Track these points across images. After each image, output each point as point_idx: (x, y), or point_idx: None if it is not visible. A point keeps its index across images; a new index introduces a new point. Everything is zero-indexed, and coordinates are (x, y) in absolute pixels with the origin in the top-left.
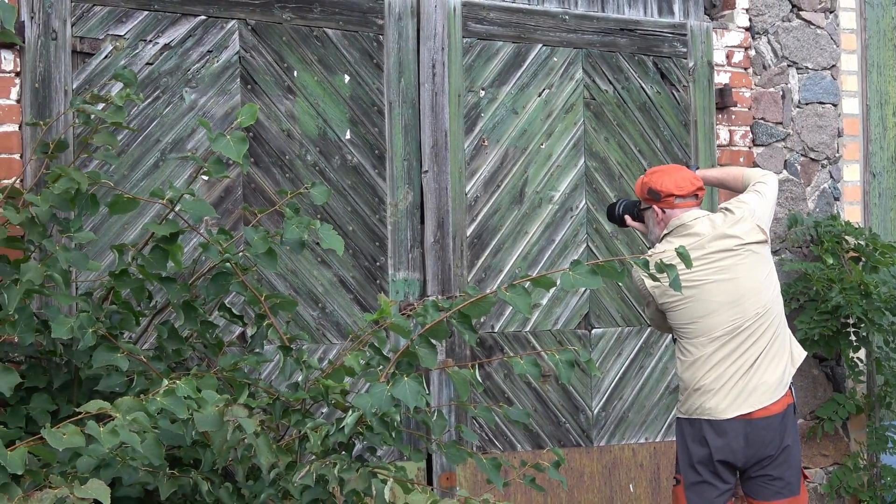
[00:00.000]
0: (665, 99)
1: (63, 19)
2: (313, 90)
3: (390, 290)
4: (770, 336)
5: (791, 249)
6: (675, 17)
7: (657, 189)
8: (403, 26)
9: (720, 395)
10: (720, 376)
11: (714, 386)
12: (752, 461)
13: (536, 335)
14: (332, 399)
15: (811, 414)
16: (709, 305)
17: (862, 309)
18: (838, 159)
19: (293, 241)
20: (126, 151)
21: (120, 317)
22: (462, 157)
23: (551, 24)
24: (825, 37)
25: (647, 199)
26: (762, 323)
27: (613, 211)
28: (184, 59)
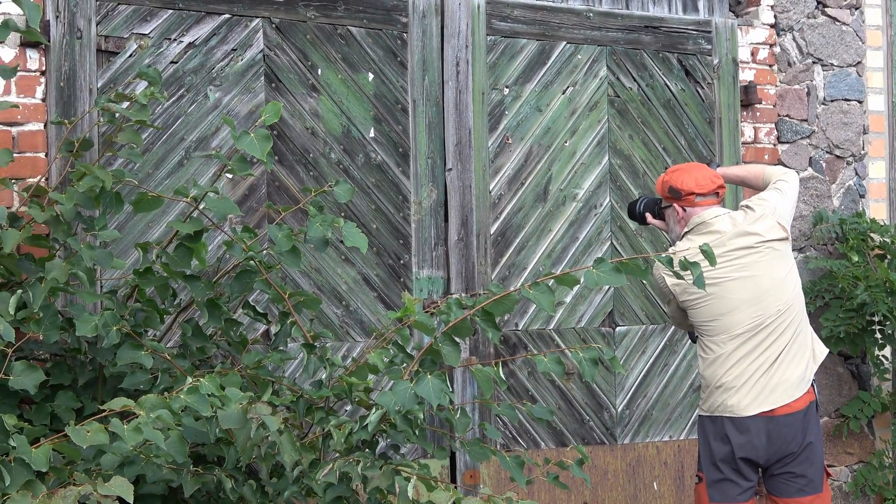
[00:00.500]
0: (689, 96)
1: (88, 18)
2: (337, 88)
3: (414, 287)
4: (792, 333)
5: (816, 247)
6: (700, 14)
7: (678, 187)
8: (427, 24)
9: (742, 393)
10: (742, 373)
11: (736, 383)
12: (775, 458)
13: (560, 333)
14: (355, 397)
15: (836, 412)
16: (730, 303)
17: (888, 306)
18: (864, 156)
19: (317, 240)
20: (150, 150)
21: (144, 315)
22: (486, 155)
23: (575, 21)
24: (851, 33)
25: (667, 197)
26: (784, 320)
27: (634, 208)
28: (208, 57)
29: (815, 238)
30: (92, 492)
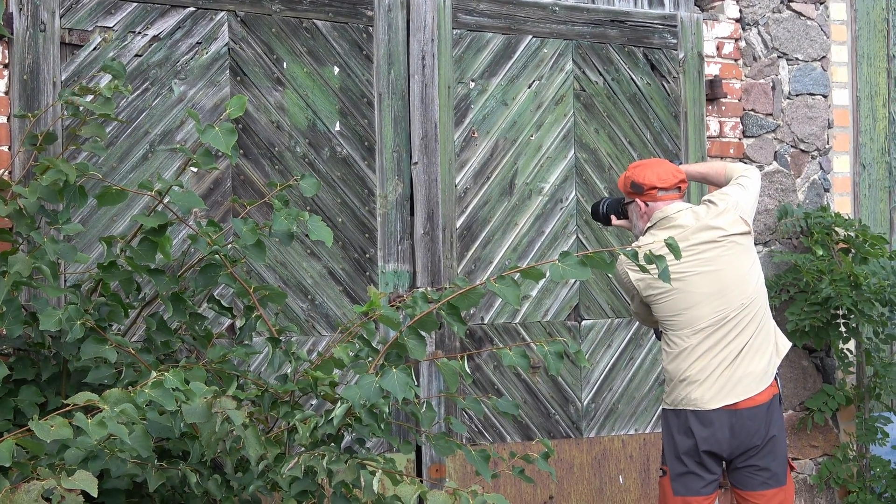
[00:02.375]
0: (655, 90)
1: (52, 11)
2: (303, 82)
3: (380, 281)
4: (755, 327)
5: (781, 241)
6: (666, 8)
7: (639, 182)
8: (393, 18)
9: (705, 386)
10: (705, 367)
11: (699, 377)
12: (738, 452)
13: (526, 326)
14: (320, 391)
15: (801, 405)
16: (693, 297)
17: (852, 300)
18: (828, 150)
19: (282, 233)
20: (115, 143)
21: (108, 309)
22: (452, 149)
23: (541, 15)
24: (815, 28)
25: (629, 192)
26: (747, 314)
27: (598, 209)
28: (173, 50)
29: (780, 232)
30: (55, 486)
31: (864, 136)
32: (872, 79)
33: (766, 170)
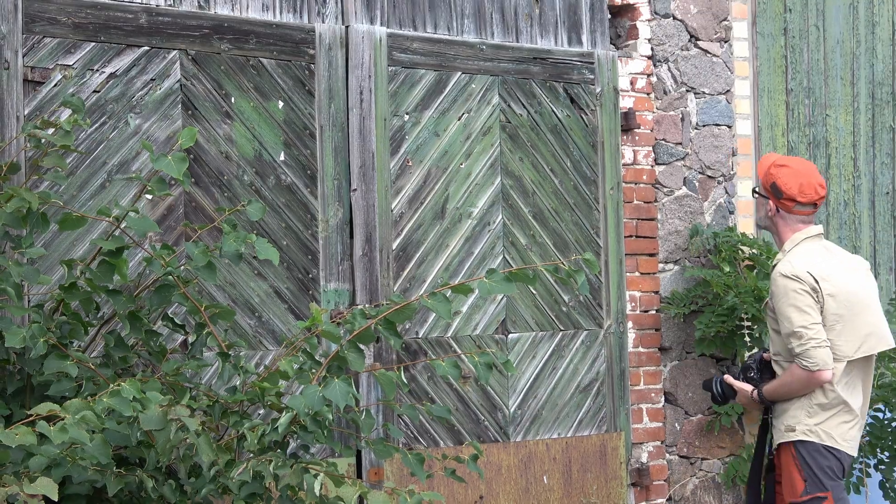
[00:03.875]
0: (575, 122)
1: (15, 50)
2: (250, 115)
3: (322, 300)
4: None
5: (691, 259)
6: (584, 46)
7: (781, 188)
8: (333, 56)
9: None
10: (858, 403)
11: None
12: None
13: (457, 340)
14: (267, 401)
15: (709, 409)
16: (867, 327)
17: (755, 310)
18: (733, 176)
19: (231, 254)
20: (75, 173)
21: (69, 327)
22: (388, 177)
23: (470, 53)
24: (720, 64)
25: (768, 191)
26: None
27: (712, 388)
28: (129, 86)
29: (691, 250)
30: (18, 492)
31: None
32: (772, 111)
33: (675, 194)
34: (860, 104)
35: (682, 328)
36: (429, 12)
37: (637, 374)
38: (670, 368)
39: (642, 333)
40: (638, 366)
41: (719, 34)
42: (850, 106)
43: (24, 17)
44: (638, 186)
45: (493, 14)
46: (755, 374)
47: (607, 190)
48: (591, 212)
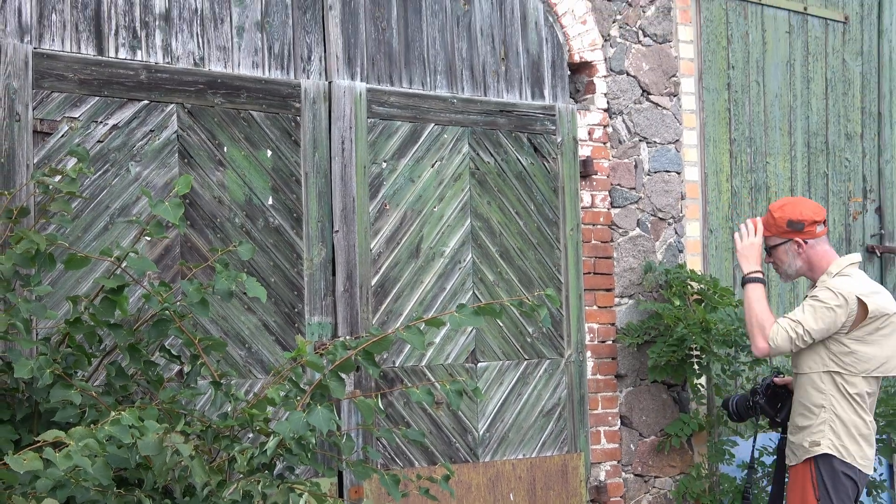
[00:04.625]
0: (538, 169)
1: (26, 104)
2: (241, 163)
3: (307, 332)
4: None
5: (644, 293)
6: (546, 100)
7: (799, 219)
8: (317, 109)
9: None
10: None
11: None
12: None
13: (431, 368)
14: (256, 426)
15: (661, 431)
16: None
17: (703, 341)
18: (682, 218)
19: (223, 291)
20: (79, 216)
21: (74, 358)
22: (367, 219)
23: (442, 106)
24: (670, 116)
25: (786, 232)
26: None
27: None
28: (130, 137)
29: (644, 286)
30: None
31: (711, 206)
32: (717, 158)
33: (630, 234)
34: (797, 152)
35: (636, 357)
36: (405, 69)
37: (595, 399)
38: (626, 394)
39: (600, 362)
40: (596, 392)
41: (669, 89)
42: (788, 154)
43: (35, 73)
44: (595, 227)
45: (464, 71)
46: (761, 399)
47: (567, 231)
48: (552, 251)
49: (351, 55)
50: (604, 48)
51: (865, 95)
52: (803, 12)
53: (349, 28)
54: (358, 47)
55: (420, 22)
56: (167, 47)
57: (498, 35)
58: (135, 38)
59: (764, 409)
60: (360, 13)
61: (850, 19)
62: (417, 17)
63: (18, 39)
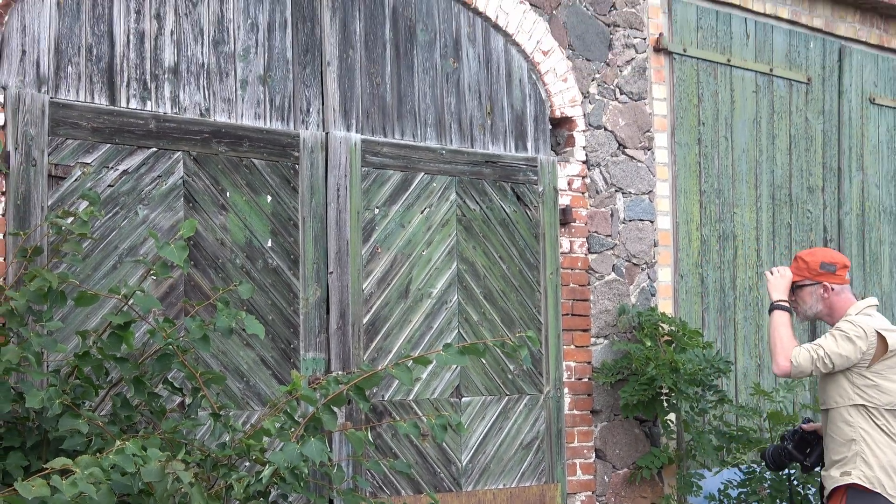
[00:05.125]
0: (520, 216)
1: (41, 150)
2: (242, 208)
3: (301, 367)
4: None
5: (618, 334)
6: (529, 152)
7: (831, 261)
8: (315, 158)
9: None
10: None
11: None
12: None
13: (418, 402)
14: (252, 455)
15: (633, 464)
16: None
17: (672, 381)
18: (654, 264)
19: (223, 328)
20: (90, 256)
21: (82, 389)
22: (360, 262)
23: (431, 157)
24: (644, 169)
25: (819, 274)
26: None
27: (766, 458)
28: (139, 182)
29: (619, 327)
30: None
31: (681, 253)
32: (688, 208)
33: (606, 279)
34: (762, 204)
35: (610, 394)
36: (397, 122)
37: (572, 433)
38: (600, 428)
39: (576, 398)
40: (572, 426)
41: (643, 143)
42: (754, 205)
43: (50, 121)
44: (574, 272)
45: (452, 124)
46: (789, 444)
47: (547, 275)
48: (533, 293)
49: (347, 108)
50: (583, 104)
51: (826, 151)
52: (769, 73)
53: (346, 83)
54: (354, 101)
55: (412, 78)
56: (175, 98)
57: (484, 91)
58: (145, 89)
59: (793, 455)
60: (356, 69)
61: (813, 80)
62: (409, 73)
63: (36, 90)
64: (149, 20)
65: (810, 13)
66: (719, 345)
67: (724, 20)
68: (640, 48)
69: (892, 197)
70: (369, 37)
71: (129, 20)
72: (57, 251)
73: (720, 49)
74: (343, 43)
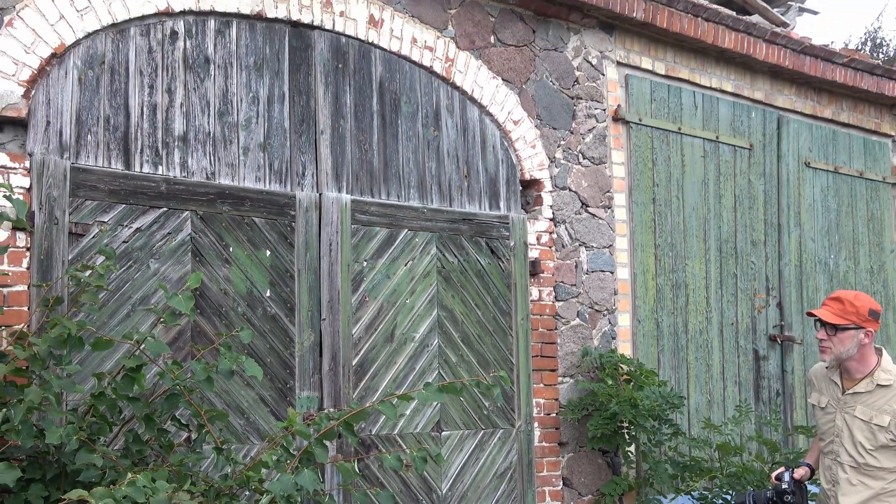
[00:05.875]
0: (494, 268)
1: (63, 210)
2: (244, 261)
3: (297, 405)
4: None
5: (583, 374)
6: (501, 210)
7: (878, 310)
8: (309, 216)
9: None
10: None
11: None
12: None
13: (402, 436)
14: (252, 486)
15: (597, 490)
16: None
17: (632, 415)
18: (615, 310)
19: (225, 371)
20: (105, 305)
21: (97, 426)
22: (350, 309)
23: (414, 215)
24: (605, 225)
25: (866, 320)
26: None
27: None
28: (150, 238)
29: (583, 367)
30: None
31: (639, 300)
32: (645, 261)
33: (571, 324)
34: (711, 256)
35: (576, 427)
36: (383, 184)
37: (541, 463)
38: (567, 459)
39: (545, 431)
40: (542, 457)
41: (604, 202)
42: (703, 258)
43: (71, 184)
44: (542, 317)
45: (433, 186)
46: (791, 497)
47: (519, 320)
48: (506, 337)
49: (339, 171)
50: (550, 168)
51: (767, 209)
52: (715, 140)
53: (337, 149)
54: (344, 165)
55: (397, 145)
56: (184, 164)
57: (462, 156)
58: (157, 155)
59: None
60: (346, 137)
61: (755, 146)
62: (395, 140)
63: (59, 156)
64: (161, 94)
65: (752, 87)
66: (673, 383)
67: (675, 93)
68: (600, 118)
69: (826, 250)
70: (358, 108)
71: (142, 94)
72: (76, 301)
73: (671, 118)
74: (335, 114)
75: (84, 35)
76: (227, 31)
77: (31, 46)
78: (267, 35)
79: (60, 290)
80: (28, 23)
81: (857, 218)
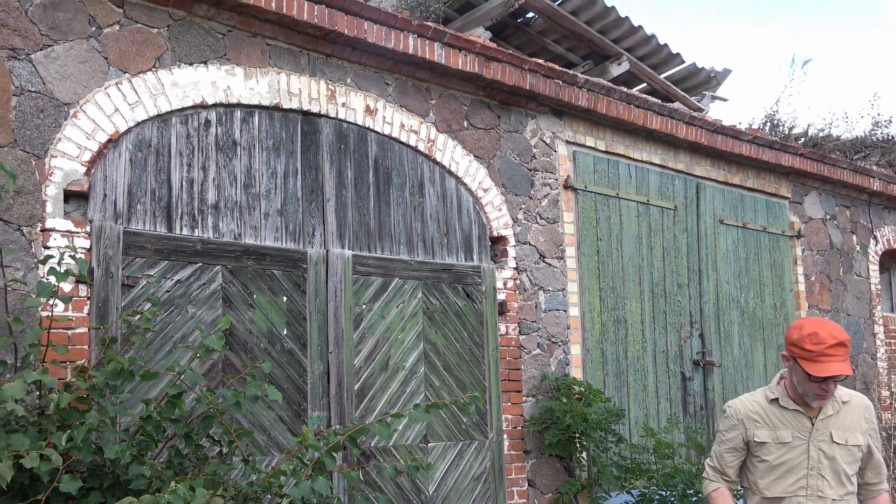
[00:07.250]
0: (469, 308)
1: (117, 265)
2: (265, 306)
3: (309, 423)
4: None
5: (542, 394)
6: (475, 262)
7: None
8: (318, 269)
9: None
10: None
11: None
12: None
13: (396, 448)
14: (273, 490)
15: (556, 490)
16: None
17: (583, 427)
18: (568, 342)
19: (251, 396)
20: (152, 343)
21: (146, 443)
22: (352, 344)
23: (404, 266)
24: (559, 272)
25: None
26: None
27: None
28: (188, 288)
29: (542, 389)
30: None
31: (587, 333)
32: (591, 301)
33: (532, 353)
34: (645, 297)
35: (538, 438)
36: (378, 241)
37: (510, 468)
38: (531, 464)
39: (513, 442)
40: (510, 463)
41: (557, 254)
42: (639, 298)
43: (124, 245)
44: (509, 348)
45: (418, 242)
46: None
47: (490, 351)
48: (480, 365)
49: (342, 232)
50: (513, 227)
51: (689, 258)
52: (647, 203)
53: (340, 214)
54: (347, 226)
55: (389, 210)
56: (216, 227)
57: (442, 218)
58: (194, 220)
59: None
60: (348, 204)
61: (678, 207)
62: (387, 206)
63: (114, 222)
64: (197, 170)
65: (675, 160)
66: (616, 400)
67: (613, 165)
68: (553, 186)
69: (738, 290)
70: (358, 180)
71: (182, 171)
72: (127, 340)
73: (611, 186)
74: (339, 185)
75: (134, 124)
76: (250, 119)
77: (92, 133)
78: (283, 122)
79: (115, 332)
80: (89, 115)
81: (763, 264)
